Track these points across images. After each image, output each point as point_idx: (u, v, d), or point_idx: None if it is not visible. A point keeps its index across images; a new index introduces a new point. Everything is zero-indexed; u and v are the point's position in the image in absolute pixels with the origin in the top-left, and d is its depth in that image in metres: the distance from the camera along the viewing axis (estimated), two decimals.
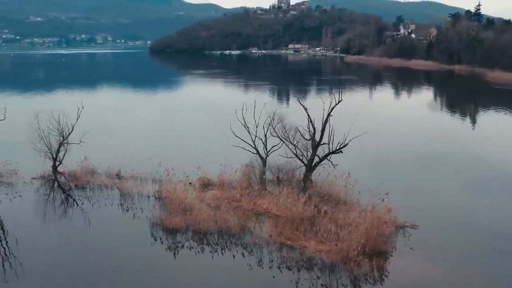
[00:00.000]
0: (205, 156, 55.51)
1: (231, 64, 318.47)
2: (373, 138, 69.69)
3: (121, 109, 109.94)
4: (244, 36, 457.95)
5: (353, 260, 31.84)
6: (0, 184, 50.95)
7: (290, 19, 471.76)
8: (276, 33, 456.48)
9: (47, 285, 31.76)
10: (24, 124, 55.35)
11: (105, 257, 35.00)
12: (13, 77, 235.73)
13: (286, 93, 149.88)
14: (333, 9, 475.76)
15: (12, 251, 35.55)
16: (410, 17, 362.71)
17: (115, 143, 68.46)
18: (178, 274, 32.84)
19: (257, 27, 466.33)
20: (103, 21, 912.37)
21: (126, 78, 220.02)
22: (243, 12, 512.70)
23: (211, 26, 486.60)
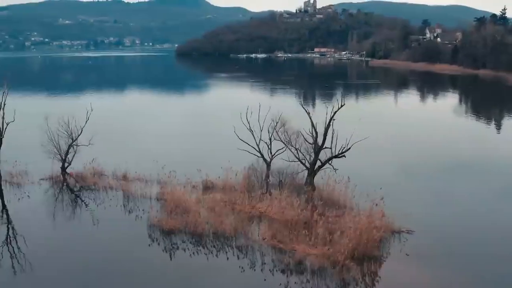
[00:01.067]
0: (211, 159, 55.60)
1: (255, 68, 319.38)
2: (386, 142, 70.04)
3: (141, 111, 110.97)
4: (270, 39, 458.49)
5: (341, 264, 31.78)
6: (9, 185, 51.94)
7: (316, 23, 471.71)
8: (302, 37, 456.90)
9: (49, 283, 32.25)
10: (35, 126, 56.35)
11: (104, 257, 35.39)
12: (36, 79, 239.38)
13: (307, 96, 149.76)
14: (360, 12, 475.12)
15: (21, 250, 36.44)
16: (437, 20, 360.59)
17: (127, 145, 69.17)
18: (172, 275, 33.03)
19: (283, 31, 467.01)
20: (132, 24, 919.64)
21: (149, 80, 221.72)
22: (270, 16, 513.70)
23: (237, 30, 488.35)
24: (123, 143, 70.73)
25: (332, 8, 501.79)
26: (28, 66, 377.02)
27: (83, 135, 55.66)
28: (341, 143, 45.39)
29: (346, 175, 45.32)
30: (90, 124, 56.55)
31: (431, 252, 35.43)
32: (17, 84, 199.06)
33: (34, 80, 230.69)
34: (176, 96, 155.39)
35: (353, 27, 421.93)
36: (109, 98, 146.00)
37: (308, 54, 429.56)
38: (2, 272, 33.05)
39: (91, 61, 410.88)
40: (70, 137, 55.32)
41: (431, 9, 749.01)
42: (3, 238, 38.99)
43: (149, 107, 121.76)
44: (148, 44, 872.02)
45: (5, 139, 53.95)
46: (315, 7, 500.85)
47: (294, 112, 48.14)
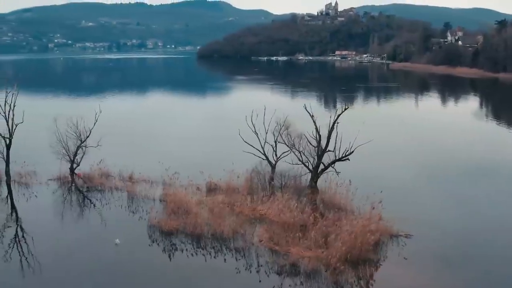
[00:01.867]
0: (217, 161, 55.75)
1: (275, 71, 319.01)
2: (397, 145, 69.90)
3: (156, 113, 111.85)
4: (291, 42, 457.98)
5: (333, 267, 31.82)
6: (18, 185, 52.90)
7: (337, 26, 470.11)
8: (323, 40, 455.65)
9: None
10: (47, 127, 56.67)
11: (106, 257, 35.91)
12: (55, 81, 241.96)
13: (322, 99, 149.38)
14: (381, 15, 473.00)
15: (30, 249, 37.24)
16: (460, 23, 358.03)
17: (137, 147, 69.71)
18: (171, 275, 33.37)
19: (304, 34, 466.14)
20: (154, 27, 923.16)
21: (168, 83, 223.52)
22: (291, 19, 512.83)
23: (259, 32, 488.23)
24: (133, 145, 71.21)
25: (354, 11, 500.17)
26: (50, 68, 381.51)
27: (94, 137, 56.36)
28: (345, 146, 45.47)
29: (350, 178, 45.34)
30: (104, 126, 57.72)
31: (430, 256, 35.31)
32: (37, 85, 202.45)
33: (53, 82, 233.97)
34: (193, 99, 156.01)
35: (375, 30, 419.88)
36: (126, 100, 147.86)
37: (329, 57, 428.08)
38: (11, 271, 33.81)
39: (111, 63, 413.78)
40: (79, 139, 56.08)
41: (453, 12, 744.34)
42: (12, 237, 39.82)
43: (165, 109, 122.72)
44: (171, 46, 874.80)
45: (19, 140, 54.90)
46: (336, 9, 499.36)
47: (303, 114, 47.75)
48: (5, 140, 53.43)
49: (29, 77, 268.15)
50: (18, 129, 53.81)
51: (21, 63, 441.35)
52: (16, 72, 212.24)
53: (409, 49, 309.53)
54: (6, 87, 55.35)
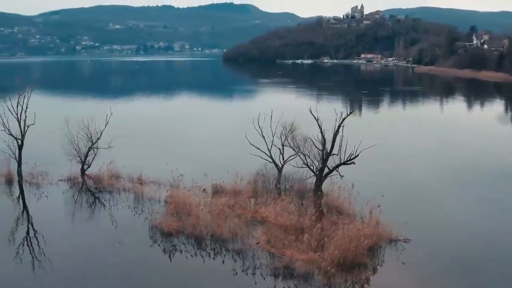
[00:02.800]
0: (226, 164, 55.73)
1: (299, 74, 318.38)
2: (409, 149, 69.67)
3: (176, 115, 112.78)
4: (317, 45, 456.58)
5: (324, 271, 31.92)
6: (29, 185, 53.91)
7: (363, 29, 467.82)
8: (348, 43, 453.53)
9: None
10: (59, 129, 57.43)
11: (108, 257, 36.48)
12: (79, 83, 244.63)
13: (342, 103, 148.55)
14: (407, 18, 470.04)
15: (41, 247, 37.98)
16: (487, 27, 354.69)
17: (150, 149, 70.38)
18: (170, 276, 33.73)
19: (330, 37, 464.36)
20: (181, 30, 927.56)
21: (191, 85, 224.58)
22: (316, 22, 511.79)
23: (284, 35, 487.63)
24: (147, 147, 71.85)
25: (380, 14, 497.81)
26: (76, 70, 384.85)
27: (107, 138, 56.78)
28: (352, 149, 45.35)
29: (356, 182, 45.40)
30: (120, 128, 59.00)
31: (428, 261, 35.16)
32: (61, 86, 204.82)
33: (77, 84, 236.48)
34: (216, 102, 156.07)
35: (400, 33, 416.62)
36: (148, 102, 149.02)
37: (355, 60, 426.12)
38: (23, 269, 34.52)
39: (137, 66, 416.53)
40: (90, 140, 56.76)
41: (480, 15, 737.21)
42: (24, 236, 40.77)
43: (186, 111, 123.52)
44: (197, 49, 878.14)
45: (33, 141, 56.28)
46: (362, 13, 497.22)
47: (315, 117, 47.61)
48: (17, 141, 54.45)
49: (55, 78, 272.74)
50: (33, 130, 54.83)
51: (48, 65, 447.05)
52: (36, 74, 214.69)
53: (434, 52, 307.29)
54: (19, 89, 56.05)
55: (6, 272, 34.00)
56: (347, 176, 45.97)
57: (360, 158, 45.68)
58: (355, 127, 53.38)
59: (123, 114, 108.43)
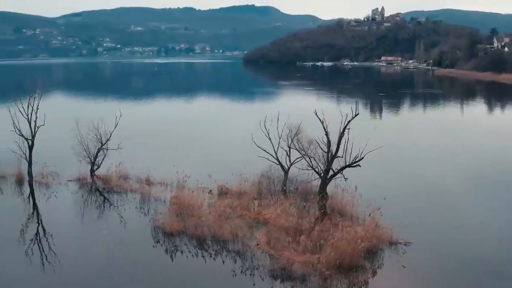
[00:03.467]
0: (234, 165, 55.58)
1: (319, 76, 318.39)
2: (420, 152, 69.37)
3: (190, 117, 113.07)
4: (337, 47, 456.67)
5: (319, 272, 31.97)
6: (38, 185, 54.72)
7: (383, 31, 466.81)
8: (369, 45, 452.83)
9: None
10: (72, 130, 57.92)
11: (111, 257, 36.79)
12: (96, 84, 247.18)
13: (358, 105, 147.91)
14: (428, 21, 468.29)
15: (51, 246, 38.56)
16: (509, 29, 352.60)
17: (160, 150, 71.04)
18: (171, 276, 34.03)
19: (350, 39, 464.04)
20: (202, 32, 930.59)
21: (210, 87, 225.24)
22: (337, 24, 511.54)
23: (304, 37, 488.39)
24: (158, 148, 72.66)
25: (400, 16, 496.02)
26: (96, 71, 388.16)
27: (118, 140, 57.38)
28: (356, 152, 45.22)
29: (361, 184, 45.45)
30: (132, 129, 58.89)
31: (429, 264, 35.05)
32: (78, 88, 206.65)
33: (95, 85, 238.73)
34: (233, 103, 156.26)
35: (421, 36, 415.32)
36: (165, 104, 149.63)
37: (375, 63, 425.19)
38: (32, 267, 35.12)
39: (156, 68, 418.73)
40: (100, 141, 57.29)
41: (503, 18, 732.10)
42: (33, 235, 41.37)
43: (201, 113, 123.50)
44: (218, 51, 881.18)
45: (46, 142, 57.21)
46: (383, 15, 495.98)
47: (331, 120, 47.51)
48: (28, 141, 55.17)
49: (74, 80, 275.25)
50: (47, 131, 55.70)
51: (70, 67, 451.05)
52: (57, 76, 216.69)
53: (455, 55, 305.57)
54: (30, 90, 56.83)
55: (16, 271, 34.48)
56: (352, 178, 45.80)
57: (366, 161, 45.54)
58: (364, 130, 53.21)
59: (137, 115, 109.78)
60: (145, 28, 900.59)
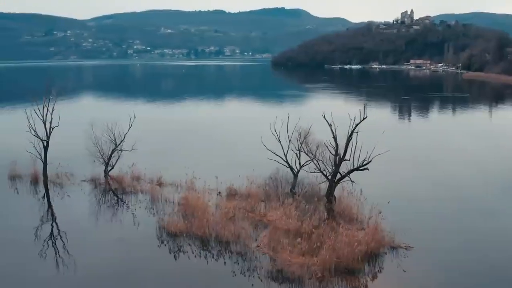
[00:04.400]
0: (244, 168, 55.79)
1: (345, 79, 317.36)
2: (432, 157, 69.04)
3: (209, 119, 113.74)
4: (365, 50, 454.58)
5: (315, 274, 32.21)
6: (54, 185, 55.92)
7: (412, 34, 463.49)
8: (398, 48, 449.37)
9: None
10: (83, 132, 59.40)
11: (119, 256, 37.61)
12: (122, 86, 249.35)
13: (379, 109, 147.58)
14: (457, 24, 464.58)
15: (65, 245, 39.53)
16: None
17: (176, 152, 72.05)
18: (174, 276, 34.69)
19: (379, 42, 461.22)
20: (233, 34, 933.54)
21: (235, 89, 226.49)
22: (366, 27, 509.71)
23: (333, 40, 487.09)
24: (174, 150, 73.75)
25: (430, 19, 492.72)
26: (123, 73, 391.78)
27: (133, 141, 58.38)
28: (364, 155, 45.30)
29: (368, 188, 45.58)
30: (148, 130, 59.10)
31: (430, 269, 34.84)
32: (106, 89, 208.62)
33: (119, 87, 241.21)
34: (257, 106, 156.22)
35: (450, 39, 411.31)
36: (188, 106, 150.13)
37: (404, 66, 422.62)
38: (47, 265, 36.10)
39: (184, 70, 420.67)
40: (114, 142, 58.22)
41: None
42: (48, 234, 42.46)
43: (222, 115, 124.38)
44: (248, 53, 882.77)
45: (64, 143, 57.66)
46: (412, 18, 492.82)
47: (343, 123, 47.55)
48: (43, 142, 56.23)
49: (102, 82, 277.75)
50: (68, 132, 56.72)
51: (99, 68, 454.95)
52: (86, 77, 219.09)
53: (483, 58, 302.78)
54: (46, 93, 57.97)
55: (31, 268, 35.48)
56: (361, 182, 45.94)
57: (374, 164, 45.65)
58: (373, 134, 53.10)
59: (157, 117, 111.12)
60: (175, 31, 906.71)
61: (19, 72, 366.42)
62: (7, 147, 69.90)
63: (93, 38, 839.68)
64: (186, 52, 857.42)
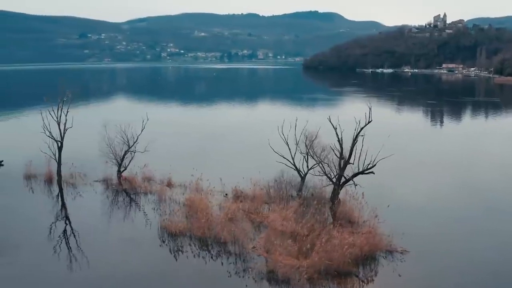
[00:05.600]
0: (253, 170, 56.07)
1: (375, 83, 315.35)
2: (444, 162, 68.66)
3: (230, 121, 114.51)
4: (397, 54, 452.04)
5: (307, 276, 32.48)
6: (68, 185, 57.29)
7: (445, 38, 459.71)
8: (430, 52, 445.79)
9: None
10: (98, 134, 60.71)
11: (120, 255, 38.55)
12: (148, 88, 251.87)
13: (402, 114, 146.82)
14: (491, 28, 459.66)
15: (78, 243, 40.70)
16: None
17: (190, 154, 72.44)
18: (173, 275, 35.38)
19: (411, 46, 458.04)
20: (265, 38, 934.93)
21: (262, 92, 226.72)
22: (398, 30, 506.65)
23: (365, 44, 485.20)
24: (188, 152, 74.54)
25: (463, 23, 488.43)
26: (154, 76, 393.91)
27: (146, 143, 59.46)
28: (369, 159, 45.46)
29: (372, 191, 45.78)
30: (161, 133, 59.85)
31: (426, 274, 34.73)
32: (129, 91, 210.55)
33: (147, 89, 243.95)
34: (279, 109, 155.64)
35: (483, 43, 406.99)
36: (211, 110, 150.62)
37: (436, 70, 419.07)
38: (60, 263, 37.08)
39: (215, 73, 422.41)
40: (127, 144, 59.35)
41: None
42: (61, 232, 43.76)
43: (244, 118, 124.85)
44: (281, 57, 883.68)
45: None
46: (445, 21, 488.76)
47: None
48: (57, 143, 57.38)
49: (131, 84, 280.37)
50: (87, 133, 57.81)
51: (131, 71, 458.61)
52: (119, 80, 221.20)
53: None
54: (62, 96, 59.34)
55: (46, 265, 36.77)
56: (365, 185, 46.05)
57: (378, 169, 45.82)
58: (381, 138, 53.35)
59: (177, 119, 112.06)
60: (208, 34, 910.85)
61: (51, 73, 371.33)
62: (21, 147, 74.28)
63: (127, 41, 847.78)
64: (220, 55, 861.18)
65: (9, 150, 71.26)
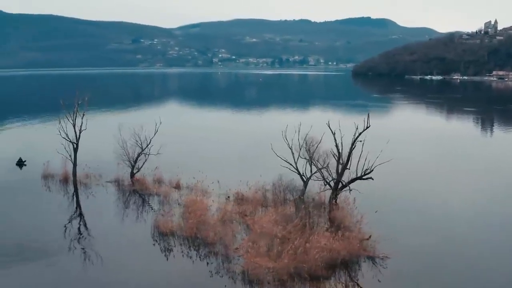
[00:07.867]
0: (257, 174, 56.85)
1: (420, 89, 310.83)
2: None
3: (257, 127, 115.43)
4: (447, 61, 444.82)
5: (275, 278, 33.44)
6: (82, 185, 59.69)
7: (495, 45, 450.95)
8: (480, 59, 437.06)
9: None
10: (113, 136, 62.81)
11: (120, 254, 40.22)
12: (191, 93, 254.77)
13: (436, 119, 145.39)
14: None
15: (91, 242, 42.39)
16: None
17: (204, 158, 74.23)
18: (162, 274, 36.40)
19: (461, 52, 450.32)
20: (317, 44, 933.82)
21: (305, 98, 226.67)
22: (448, 37, 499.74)
23: (414, 50, 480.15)
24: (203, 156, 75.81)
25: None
26: (201, 81, 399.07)
27: (162, 146, 61.62)
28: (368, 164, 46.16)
29: (368, 197, 46.55)
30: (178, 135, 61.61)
31: (407, 281, 34.98)
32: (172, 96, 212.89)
33: (189, 94, 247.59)
34: (315, 115, 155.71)
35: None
36: (243, 115, 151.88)
37: (485, 77, 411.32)
38: (74, 261, 38.89)
39: (261, 79, 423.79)
40: (140, 146, 61.31)
41: None
42: (76, 231, 45.93)
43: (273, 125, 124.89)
44: (332, 63, 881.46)
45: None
46: (496, 28, 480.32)
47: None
48: (73, 144, 59.69)
49: (177, 88, 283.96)
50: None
51: (180, 76, 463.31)
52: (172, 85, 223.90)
53: None
54: (78, 100, 62.21)
55: (61, 262, 38.53)
56: (364, 191, 46.79)
57: (377, 174, 46.47)
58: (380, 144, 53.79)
59: (204, 123, 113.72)
60: (259, 40, 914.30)
61: (103, 78, 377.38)
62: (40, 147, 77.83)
63: (179, 46, 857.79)
64: (271, 61, 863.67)
65: (46, 150, 72.38)
